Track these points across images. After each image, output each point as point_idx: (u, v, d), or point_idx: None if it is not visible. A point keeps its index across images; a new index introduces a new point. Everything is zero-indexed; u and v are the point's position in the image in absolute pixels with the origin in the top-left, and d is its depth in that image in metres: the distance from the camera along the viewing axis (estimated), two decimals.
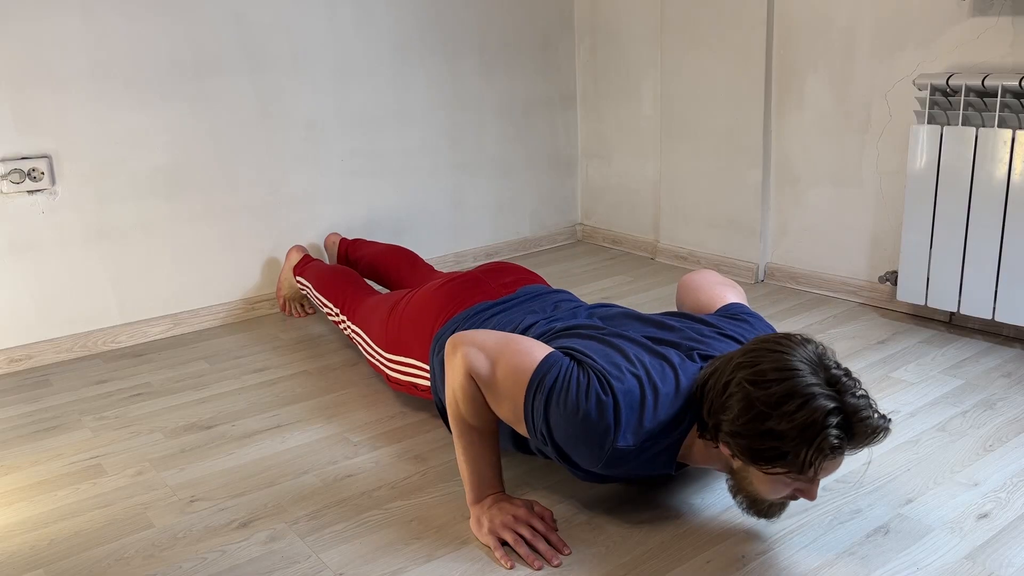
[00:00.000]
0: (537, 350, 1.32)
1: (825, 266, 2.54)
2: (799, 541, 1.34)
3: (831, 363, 1.19)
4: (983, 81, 1.96)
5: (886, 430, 1.17)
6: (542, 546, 1.32)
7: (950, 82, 2.01)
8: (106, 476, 1.63)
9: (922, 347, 2.10)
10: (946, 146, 2.04)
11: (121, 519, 1.48)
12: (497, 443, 1.40)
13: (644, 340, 1.39)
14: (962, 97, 2.01)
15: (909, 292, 2.20)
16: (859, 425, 1.15)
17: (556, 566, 1.30)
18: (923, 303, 2.18)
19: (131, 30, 2.21)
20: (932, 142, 2.07)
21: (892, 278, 2.30)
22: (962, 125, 2.02)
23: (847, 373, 1.19)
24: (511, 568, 1.29)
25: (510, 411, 1.32)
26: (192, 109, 2.33)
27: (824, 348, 1.22)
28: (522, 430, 1.33)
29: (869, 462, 1.56)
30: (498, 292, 1.73)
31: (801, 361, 1.17)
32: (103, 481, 1.62)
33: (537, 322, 1.54)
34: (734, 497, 1.30)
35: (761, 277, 2.69)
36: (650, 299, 2.54)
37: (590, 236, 3.27)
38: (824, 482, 1.49)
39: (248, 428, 1.81)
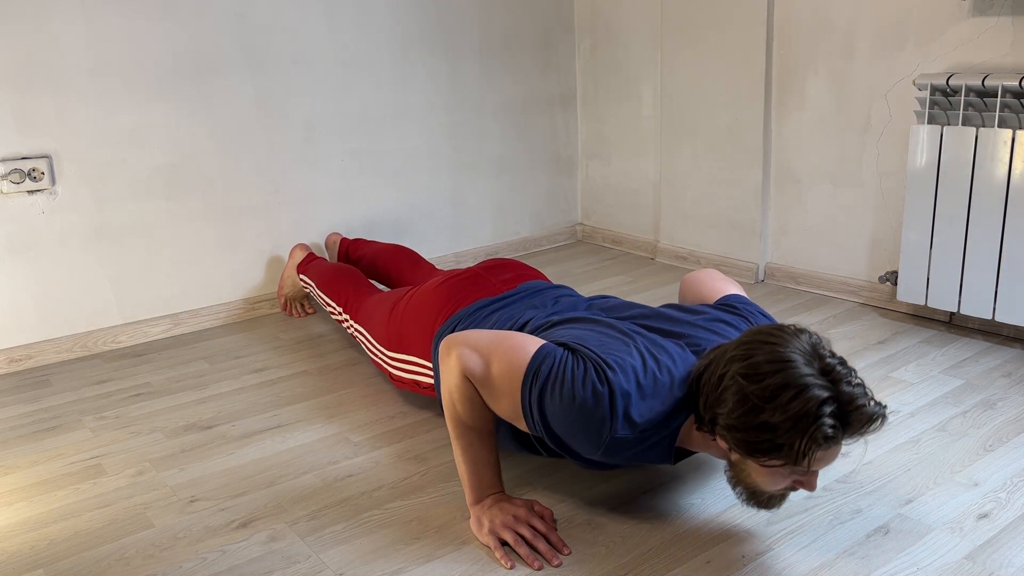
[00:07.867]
0: (530, 344, 1.32)
1: (825, 266, 2.54)
2: (799, 541, 1.34)
3: (825, 352, 1.19)
4: (983, 81, 1.96)
5: (882, 417, 1.16)
6: (542, 546, 1.32)
7: (950, 82, 2.01)
8: (106, 476, 1.63)
9: (922, 347, 2.10)
10: (946, 146, 2.04)
11: (121, 519, 1.48)
12: (495, 443, 1.40)
13: (642, 330, 1.39)
14: (962, 97, 2.01)
15: (909, 292, 2.20)
16: (854, 414, 1.14)
17: (556, 566, 1.30)
18: (923, 303, 2.18)
19: (131, 30, 2.21)
20: (932, 142, 2.06)
21: (892, 278, 2.30)
22: (962, 125, 2.02)
23: (842, 362, 1.18)
24: (511, 568, 1.29)
25: (508, 407, 1.32)
26: (192, 109, 2.33)
27: (819, 338, 1.21)
28: (522, 426, 1.33)
29: (869, 461, 1.56)
30: (498, 288, 1.73)
31: (795, 352, 1.17)
32: (103, 481, 1.62)
33: (536, 317, 1.54)
34: (733, 488, 1.29)
35: (761, 277, 2.69)
36: (650, 299, 2.54)
37: (590, 236, 3.27)
38: (824, 483, 1.49)
39: (248, 428, 1.81)
